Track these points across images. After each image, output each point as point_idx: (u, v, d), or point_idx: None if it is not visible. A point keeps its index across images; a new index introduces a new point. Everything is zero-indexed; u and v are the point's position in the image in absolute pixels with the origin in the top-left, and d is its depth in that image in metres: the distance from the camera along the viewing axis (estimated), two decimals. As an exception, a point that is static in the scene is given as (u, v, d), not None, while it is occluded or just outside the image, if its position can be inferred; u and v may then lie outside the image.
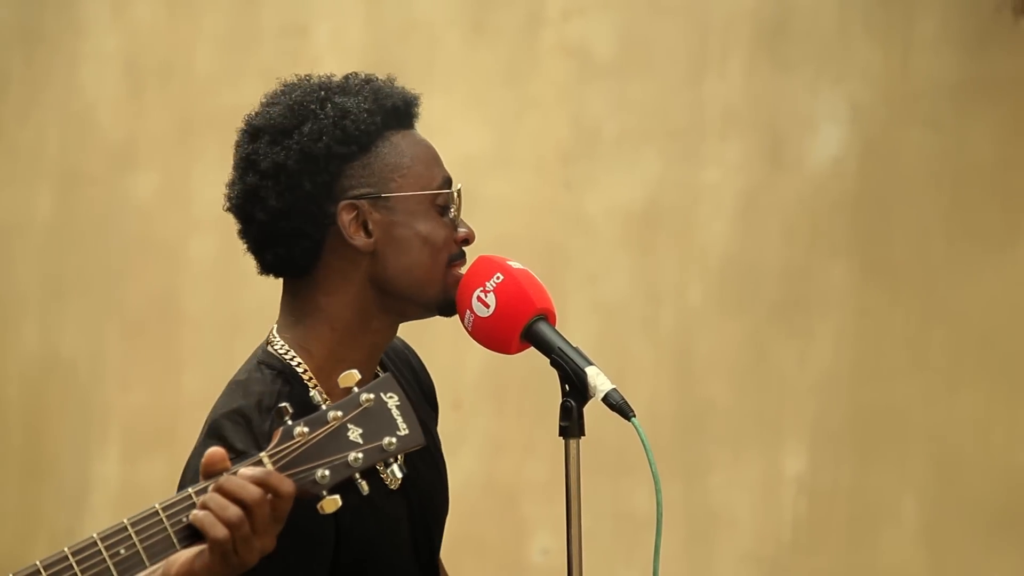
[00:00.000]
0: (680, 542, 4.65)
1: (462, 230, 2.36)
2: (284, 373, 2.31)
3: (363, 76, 2.38)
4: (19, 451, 5.26)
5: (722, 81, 4.71)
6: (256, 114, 2.38)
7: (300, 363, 2.31)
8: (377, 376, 2.39)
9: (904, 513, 4.54)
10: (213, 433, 2.28)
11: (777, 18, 4.66)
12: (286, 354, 2.32)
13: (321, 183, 2.30)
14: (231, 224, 2.46)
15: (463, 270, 2.36)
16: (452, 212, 2.34)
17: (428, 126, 2.47)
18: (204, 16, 5.13)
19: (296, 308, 2.34)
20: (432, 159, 2.35)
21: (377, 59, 4.92)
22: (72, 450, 5.20)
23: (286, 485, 1.96)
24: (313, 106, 2.32)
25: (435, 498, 2.45)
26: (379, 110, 2.32)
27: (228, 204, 2.37)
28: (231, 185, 2.37)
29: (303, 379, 2.31)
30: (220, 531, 1.93)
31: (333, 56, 4.96)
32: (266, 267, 2.37)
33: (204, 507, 1.94)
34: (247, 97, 2.46)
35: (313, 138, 2.29)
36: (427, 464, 2.42)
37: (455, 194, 2.35)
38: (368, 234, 2.30)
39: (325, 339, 2.32)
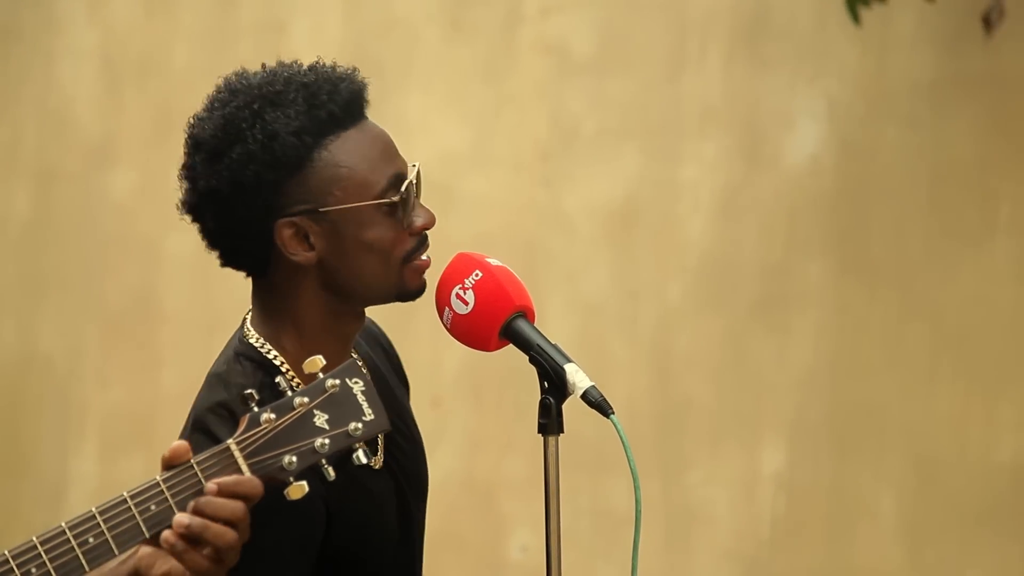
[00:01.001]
0: (659, 539, 4.65)
1: (418, 221, 2.31)
2: (264, 366, 2.31)
3: (302, 78, 2.33)
4: (-4, 449, 5.24)
5: (700, 78, 4.71)
6: (198, 120, 2.35)
7: (277, 356, 2.32)
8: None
9: (882, 509, 4.56)
10: (198, 427, 2.28)
11: (755, 15, 4.67)
12: (262, 347, 2.33)
13: (255, 206, 2.27)
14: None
15: (426, 256, 2.33)
16: (404, 211, 2.30)
17: (406, 123, 2.47)
18: (181, 13, 5.11)
19: (263, 306, 2.35)
20: (376, 158, 2.30)
21: (355, 56, 4.90)
22: (50, 447, 5.19)
23: (258, 489, 1.96)
24: (244, 124, 2.27)
25: (419, 473, 2.45)
26: (311, 125, 2.27)
27: (177, 206, 2.37)
28: (180, 188, 2.36)
29: (283, 372, 2.31)
30: (202, 562, 1.94)
31: (311, 53, 4.93)
32: (222, 264, 2.37)
33: (184, 541, 1.94)
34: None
35: (242, 164, 2.26)
36: (405, 439, 2.42)
37: (407, 185, 2.30)
38: (311, 247, 2.28)
39: (295, 336, 2.32)
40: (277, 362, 2.31)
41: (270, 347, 2.32)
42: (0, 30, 5.26)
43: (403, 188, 2.30)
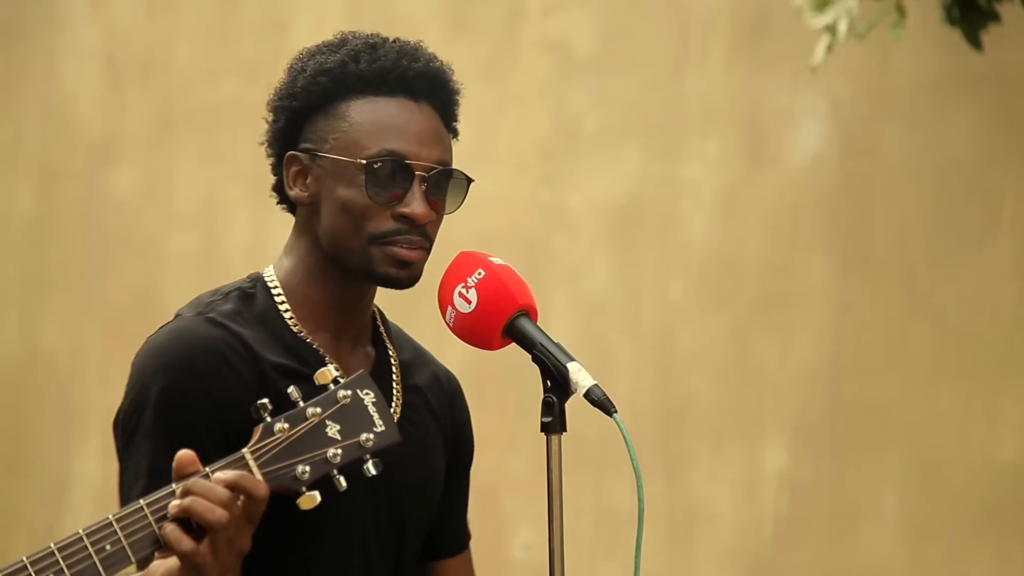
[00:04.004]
0: (662, 538, 4.65)
1: (406, 207, 2.34)
2: (255, 281, 2.40)
3: (365, 39, 2.42)
4: (-1, 447, 5.24)
5: (702, 77, 4.71)
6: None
7: (273, 279, 2.39)
8: (380, 338, 2.41)
9: (884, 508, 4.55)
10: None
11: (757, 14, 4.67)
12: (265, 274, 2.41)
13: (276, 132, 2.38)
14: (211, 219, 2.47)
15: (410, 250, 2.35)
16: (382, 186, 2.33)
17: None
18: (183, 11, 5.11)
19: (286, 245, 2.43)
20: (384, 129, 2.36)
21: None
22: (53, 446, 5.19)
23: (260, 488, 1.97)
24: (299, 64, 2.40)
25: (415, 496, 2.43)
26: (339, 74, 2.36)
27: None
28: None
29: (269, 287, 2.38)
30: (187, 544, 1.94)
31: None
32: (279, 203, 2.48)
33: (176, 518, 1.95)
34: (227, 92, 2.48)
35: (278, 93, 2.39)
36: (414, 464, 2.40)
37: (386, 168, 2.33)
38: (305, 187, 2.36)
39: (294, 272, 2.38)
40: (270, 282, 2.38)
41: (272, 274, 2.39)
42: (2, 28, 5.26)
43: (381, 163, 2.33)
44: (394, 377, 2.41)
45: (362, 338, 2.41)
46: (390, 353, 2.44)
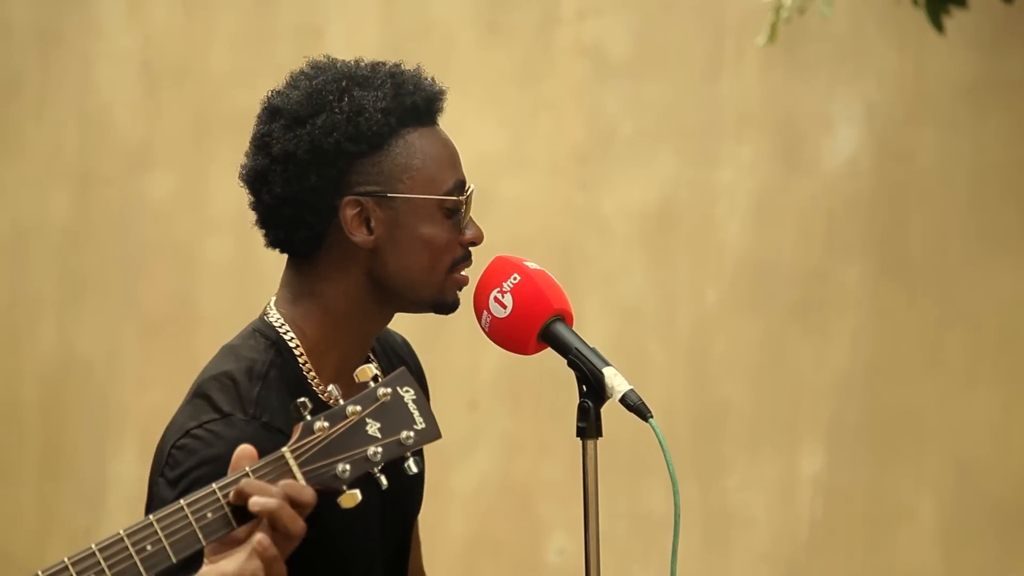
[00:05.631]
0: (696, 543, 4.65)
1: (469, 232, 2.35)
2: (277, 344, 2.33)
3: (389, 68, 2.37)
4: (36, 451, 5.27)
5: (737, 81, 4.70)
6: (277, 93, 2.38)
7: (293, 339, 2.33)
8: (368, 360, 2.43)
9: (921, 514, 4.54)
10: (199, 394, 2.29)
11: (792, 18, 4.66)
12: (281, 327, 2.34)
13: (328, 177, 2.30)
14: (247, 224, 2.47)
15: (467, 272, 2.36)
16: (459, 217, 2.34)
17: (443, 126, 2.47)
18: (219, 16, 5.13)
19: (295, 287, 2.36)
20: (446, 161, 2.35)
21: (392, 59, 4.91)
22: (89, 450, 5.21)
23: (307, 494, 1.97)
24: (331, 97, 2.32)
25: (412, 490, 2.45)
26: (397, 108, 2.32)
27: (240, 176, 2.37)
28: (246, 157, 2.37)
29: (295, 354, 2.33)
30: (273, 551, 1.95)
31: (348, 57, 4.95)
32: (270, 243, 2.38)
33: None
34: (262, 97, 2.47)
35: (325, 132, 2.30)
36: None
37: (466, 198, 2.34)
38: (370, 231, 2.31)
39: (319, 323, 2.33)
40: (292, 344, 2.33)
41: (288, 328, 2.33)
42: (40, 34, 5.29)
43: (465, 194, 2.34)
44: None
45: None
46: (372, 360, 2.45)
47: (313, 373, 2.33)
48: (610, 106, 4.80)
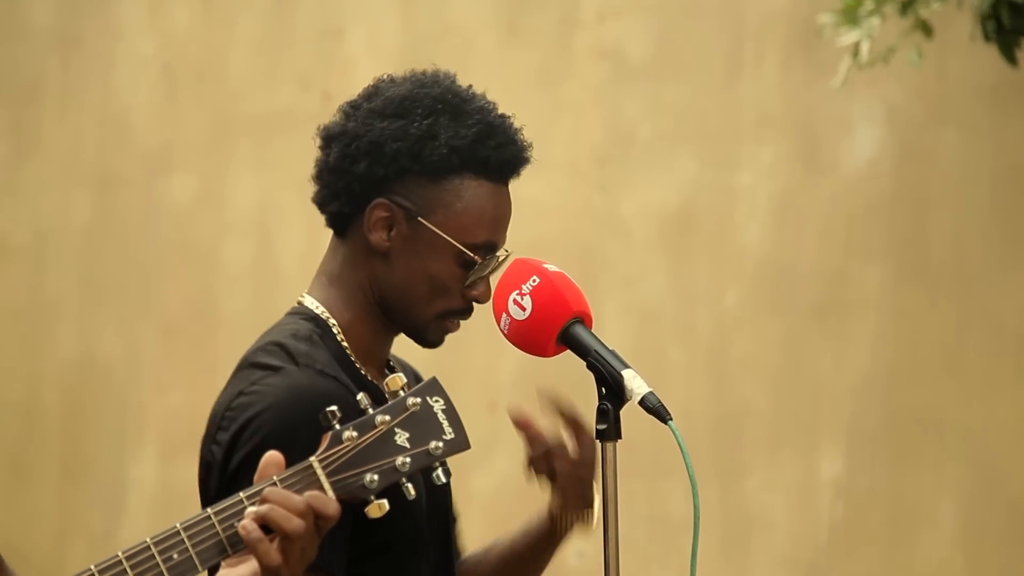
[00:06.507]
0: (716, 545, 4.64)
1: (476, 290, 2.38)
2: (316, 320, 2.38)
3: (490, 114, 2.42)
4: (57, 453, 5.28)
5: (757, 83, 4.69)
6: (390, 79, 2.43)
7: (329, 317, 2.38)
8: (392, 369, 2.45)
9: (941, 516, 4.52)
10: (244, 366, 2.35)
11: (811, 20, 4.65)
12: (316, 308, 2.39)
13: (375, 173, 2.36)
14: (266, 227, 2.48)
15: (459, 323, 2.39)
16: (475, 275, 2.37)
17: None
18: (239, 19, 5.14)
19: (332, 269, 2.41)
20: (488, 219, 2.38)
21: (412, 62, 4.90)
22: (109, 452, 5.22)
23: (331, 507, 1.96)
24: (419, 110, 2.37)
25: (445, 502, 2.48)
26: (467, 153, 2.37)
27: (319, 129, 2.43)
28: (336, 116, 2.43)
29: (332, 331, 2.37)
30: (274, 556, 1.94)
31: (368, 59, 4.97)
32: (313, 198, 2.44)
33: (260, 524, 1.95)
34: (282, 100, 2.48)
35: (394, 136, 2.35)
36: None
37: (487, 261, 2.37)
38: (388, 239, 2.35)
39: (349, 304, 2.38)
40: (329, 322, 2.37)
41: (324, 309, 2.38)
42: (61, 37, 5.30)
43: (488, 257, 2.37)
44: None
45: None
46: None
47: (353, 355, 2.37)
48: (629, 108, 4.79)
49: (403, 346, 2.52)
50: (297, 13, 5.07)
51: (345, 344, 2.37)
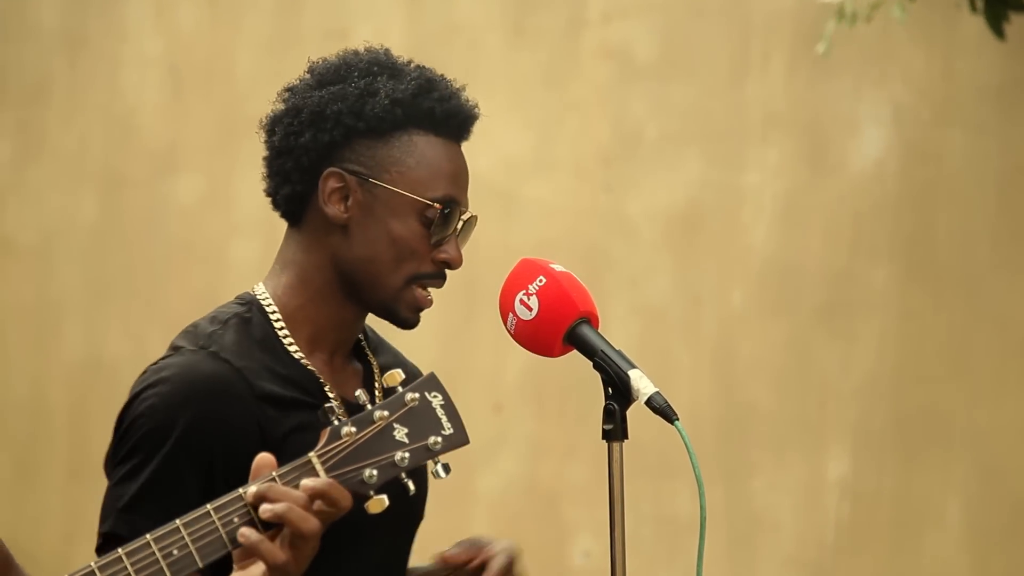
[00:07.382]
0: (722, 545, 4.64)
1: (445, 252, 2.34)
2: (251, 304, 2.36)
3: (429, 73, 2.39)
4: (64, 453, 5.29)
5: (763, 84, 4.70)
6: (322, 58, 2.43)
7: (271, 304, 2.36)
8: (363, 349, 2.42)
9: (948, 517, 4.52)
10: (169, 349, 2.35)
11: (818, 20, 4.65)
12: (260, 295, 2.38)
13: (320, 142, 2.33)
14: (273, 227, 2.48)
15: (430, 294, 2.35)
16: (440, 231, 2.33)
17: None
18: (245, 20, 5.15)
19: (282, 257, 2.40)
20: (444, 173, 2.35)
21: (418, 62, 4.92)
22: (115, 452, 5.22)
23: (345, 499, 1.97)
24: (356, 73, 2.36)
25: (417, 500, 2.45)
26: (409, 105, 2.34)
27: (261, 121, 2.43)
28: (276, 101, 2.43)
29: (267, 313, 2.35)
30: (280, 556, 1.94)
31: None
32: (265, 192, 2.42)
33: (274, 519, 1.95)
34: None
35: (333, 99, 2.34)
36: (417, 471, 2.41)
37: (450, 214, 2.33)
38: (345, 209, 2.33)
39: (296, 293, 2.36)
40: (267, 306, 2.35)
41: (267, 296, 2.37)
42: (67, 37, 5.31)
43: (448, 209, 2.33)
44: (376, 385, 2.41)
45: (349, 353, 2.41)
46: (371, 362, 2.44)
47: (290, 339, 2.34)
48: (636, 108, 4.79)
49: (403, 346, 2.52)
50: (303, 14, 5.07)
51: (282, 328, 2.33)
